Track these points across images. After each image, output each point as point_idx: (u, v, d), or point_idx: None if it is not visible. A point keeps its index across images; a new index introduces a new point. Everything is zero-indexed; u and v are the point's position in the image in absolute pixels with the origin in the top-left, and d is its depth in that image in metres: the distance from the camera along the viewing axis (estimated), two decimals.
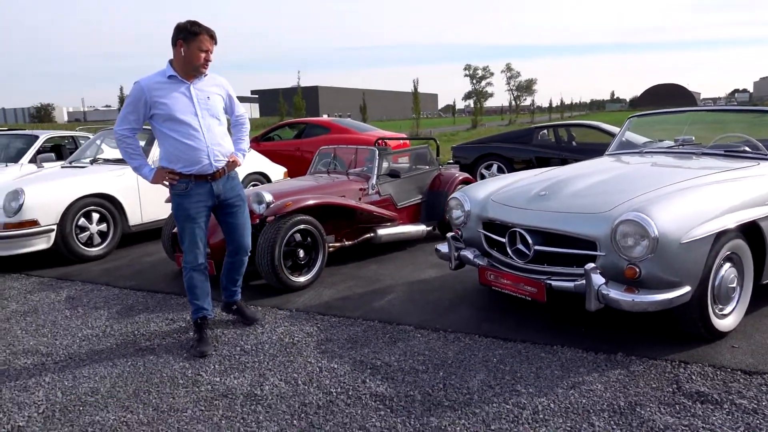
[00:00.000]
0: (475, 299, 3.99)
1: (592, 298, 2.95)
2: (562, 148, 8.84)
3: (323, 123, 11.02)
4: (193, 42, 3.13)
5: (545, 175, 3.94)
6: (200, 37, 3.15)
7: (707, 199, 3.07)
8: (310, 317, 3.80)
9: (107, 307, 4.19)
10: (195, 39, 3.13)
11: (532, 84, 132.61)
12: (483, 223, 3.76)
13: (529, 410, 2.53)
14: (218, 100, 3.33)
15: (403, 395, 2.72)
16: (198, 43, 3.14)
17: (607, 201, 3.18)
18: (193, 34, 3.13)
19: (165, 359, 3.25)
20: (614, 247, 2.94)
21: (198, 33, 3.14)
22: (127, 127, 3.21)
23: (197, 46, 3.14)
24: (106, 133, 7.22)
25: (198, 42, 3.14)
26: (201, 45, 3.14)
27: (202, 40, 3.15)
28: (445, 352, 3.17)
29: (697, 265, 2.92)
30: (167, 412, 2.68)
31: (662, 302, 2.85)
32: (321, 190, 5.05)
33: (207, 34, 3.17)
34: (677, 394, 2.61)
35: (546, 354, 3.08)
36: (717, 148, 4.08)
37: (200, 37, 3.15)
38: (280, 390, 2.84)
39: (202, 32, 3.15)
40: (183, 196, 3.27)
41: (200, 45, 3.14)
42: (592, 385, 2.73)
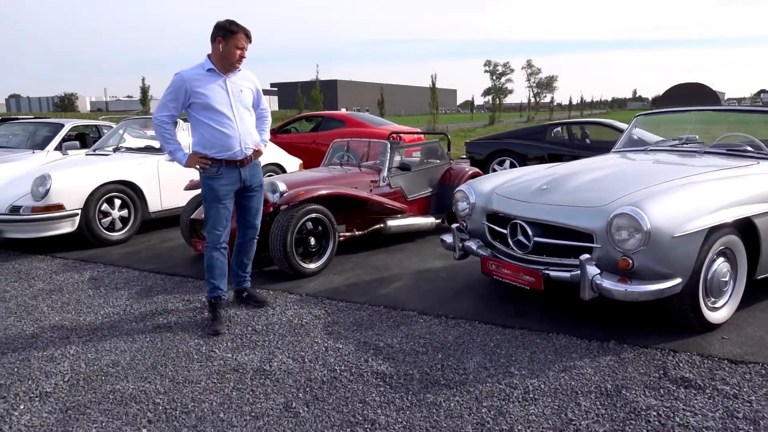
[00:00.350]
0: (477, 288, 4.14)
1: (587, 288, 3.08)
2: (574, 146, 8.91)
3: (339, 116, 11.19)
4: (231, 40, 3.40)
5: (549, 171, 4.07)
6: (237, 36, 3.42)
7: (701, 196, 3.18)
8: (318, 301, 3.98)
9: (128, 288, 4.41)
10: (233, 37, 3.40)
11: (552, 81, 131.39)
12: (487, 215, 3.90)
13: (521, 390, 2.68)
14: (249, 93, 3.61)
15: (403, 374, 2.88)
16: (235, 41, 3.41)
17: (605, 196, 3.30)
18: (232, 32, 3.40)
19: (181, 336, 3.45)
20: (609, 240, 3.07)
21: (236, 32, 3.41)
22: (166, 114, 3.46)
23: (234, 44, 3.40)
24: (128, 122, 7.48)
25: (235, 40, 3.41)
26: (237, 43, 3.42)
27: (239, 39, 3.42)
28: (445, 336, 3.33)
29: (689, 259, 3.03)
30: (182, 383, 2.88)
31: (653, 293, 2.97)
32: (333, 181, 5.22)
33: (243, 33, 3.45)
34: (663, 379, 2.74)
35: (541, 340, 3.22)
36: (719, 147, 4.17)
37: (237, 36, 3.42)
38: (288, 366, 3.02)
39: (239, 31, 3.42)
40: (214, 179, 3.51)
41: (237, 43, 3.41)
42: (583, 369, 2.86)
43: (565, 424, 2.40)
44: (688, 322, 3.20)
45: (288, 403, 2.65)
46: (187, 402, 2.69)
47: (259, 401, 2.68)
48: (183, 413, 2.60)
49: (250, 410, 2.61)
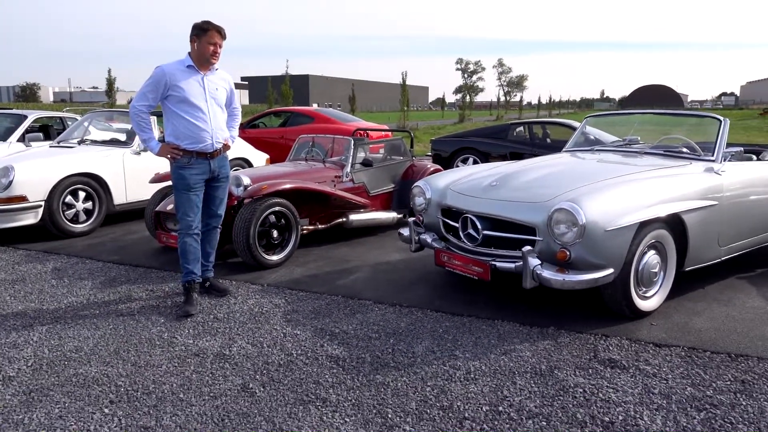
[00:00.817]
0: (432, 279, 4.35)
1: (528, 278, 3.31)
2: (535, 145, 9.21)
3: (307, 112, 11.31)
4: (204, 37, 3.63)
5: (501, 168, 4.30)
6: (210, 33, 3.65)
7: (634, 193, 3.45)
8: (279, 291, 4.13)
9: (91, 278, 4.49)
10: (205, 34, 3.64)
11: (523, 80, 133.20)
12: (442, 209, 4.11)
13: (463, 371, 2.90)
14: (224, 92, 3.88)
15: (355, 357, 3.07)
16: (207, 38, 3.64)
17: (547, 192, 3.54)
18: (204, 30, 3.65)
19: (144, 324, 3.57)
20: (549, 233, 3.31)
21: (208, 29, 3.65)
22: (144, 104, 3.65)
23: (207, 41, 3.63)
24: (94, 115, 7.47)
25: (208, 37, 3.64)
26: (210, 39, 3.65)
27: (211, 35, 3.65)
28: (398, 323, 3.53)
29: (621, 251, 3.29)
30: (144, 367, 3.01)
31: (588, 281, 3.22)
32: (297, 175, 5.38)
33: (216, 30, 3.68)
34: (593, 360, 2.99)
35: (487, 326, 3.45)
36: (658, 147, 4.46)
37: (210, 33, 3.65)
38: (247, 351, 3.17)
39: (211, 29, 3.66)
40: (185, 169, 3.71)
41: (209, 39, 3.65)
42: (522, 352, 3.10)
43: (500, 400, 2.62)
44: (620, 310, 3.47)
45: (245, 384, 2.81)
46: (148, 384, 2.83)
47: (217, 383, 2.83)
48: (144, 394, 2.73)
49: (208, 391, 2.76)
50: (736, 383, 2.75)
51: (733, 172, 4.01)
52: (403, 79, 27.93)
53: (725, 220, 3.88)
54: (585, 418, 2.46)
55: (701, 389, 2.69)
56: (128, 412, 2.58)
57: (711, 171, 3.91)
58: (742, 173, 4.09)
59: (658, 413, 2.49)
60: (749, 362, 2.96)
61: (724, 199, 3.85)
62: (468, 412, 2.53)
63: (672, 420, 2.44)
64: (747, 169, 4.20)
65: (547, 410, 2.53)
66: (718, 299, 3.89)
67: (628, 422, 2.43)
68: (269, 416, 2.53)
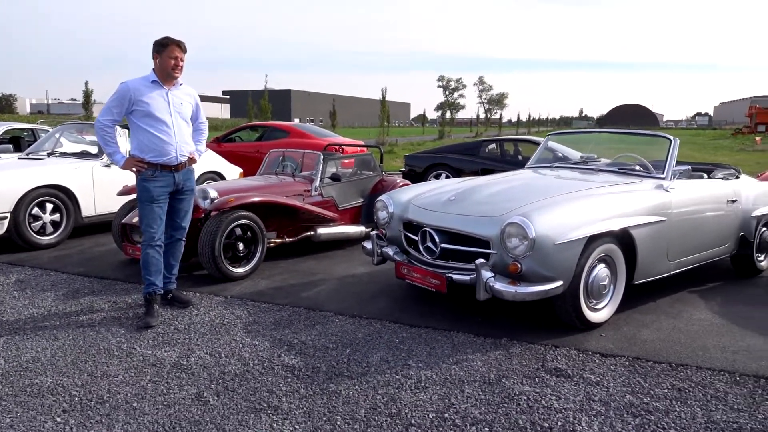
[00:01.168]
0: (394, 292, 4.44)
1: (481, 290, 3.42)
2: (506, 161, 9.41)
3: (283, 127, 11.39)
4: (164, 52, 3.74)
5: (461, 184, 4.42)
6: (170, 47, 3.75)
7: (584, 208, 3.59)
8: (242, 303, 4.18)
9: (54, 290, 4.49)
10: (166, 49, 3.74)
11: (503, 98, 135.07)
12: (403, 223, 4.21)
13: (414, 380, 2.98)
14: (189, 107, 3.96)
15: (311, 367, 3.13)
16: (168, 52, 3.74)
17: (502, 207, 3.67)
18: (164, 45, 3.75)
19: (104, 335, 3.59)
20: (502, 246, 3.43)
21: (168, 44, 3.76)
22: (109, 118, 3.74)
23: (167, 55, 3.74)
24: (65, 127, 7.47)
25: (168, 51, 3.74)
26: (170, 54, 3.75)
27: (171, 50, 3.75)
28: (356, 334, 3.60)
29: (570, 264, 3.42)
30: (100, 377, 3.03)
31: (538, 293, 3.34)
32: (266, 189, 5.44)
33: (175, 45, 3.78)
34: (540, 369, 3.09)
35: (442, 337, 3.54)
36: (613, 165, 4.64)
37: (170, 47, 3.75)
38: (204, 361, 3.22)
39: (171, 43, 3.76)
40: (149, 181, 3.78)
41: (170, 54, 3.75)
42: (473, 362, 3.19)
43: (447, 407, 2.71)
44: (571, 321, 3.59)
45: (200, 393, 2.86)
46: (102, 394, 2.85)
47: (172, 392, 2.87)
48: (98, 403, 2.76)
49: (162, 400, 2.79)
50: (673, 391, 2.87)
51: (681, 190, 4.19)
52: (382, 95, 28.23)
53: (674, 235, 4.05)
54: (526, 424, 2.56)
55: (639, 396, 2.81)
56: (80, 421, 2.60)
57: (660, 188, 4.08)
58: (690, 191, 4.27)
59: (596, 419, 2.60)
60: (688, 371, 3.09)
61: (672, 215, 4.02)
62: (415, 418, 2.61)
63: (608, 426, 2.55)
64: (695, 186, 4.38)
65: (491, 417, 2.62)
66: (668, 312, 4.03)
67: (566, 428, 2.53)
68: (220, 424, 2.58)
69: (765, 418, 2.63)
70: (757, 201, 4.88)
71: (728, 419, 2.61)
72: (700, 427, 2.55)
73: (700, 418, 2.61)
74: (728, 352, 3.33)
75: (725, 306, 4.19)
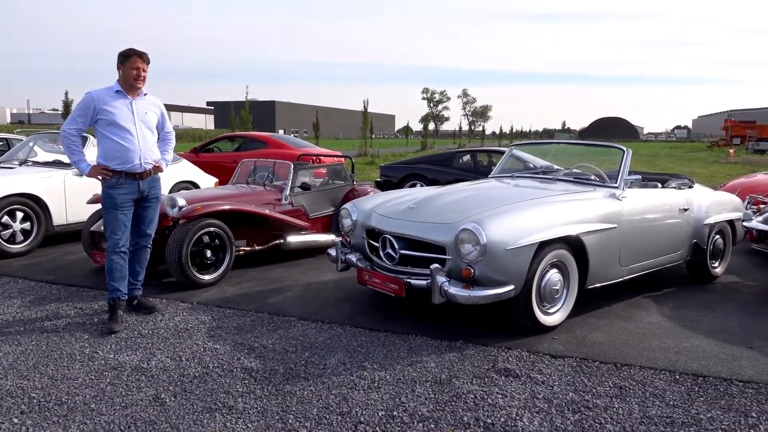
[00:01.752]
0: (358, 297, 4.54)
1: (436, 293, 3.54)
2: (479, 171, 9.57)
3: (261, 137, 11.47)
4: (127, 62, 3.86)
5: (423, 193, 4.56)
6: (132, 59, 3.87)
7: (536, 215, 3.74)
8: (207, 309, 4.26)
9: (21, 297, 4.52)
10: (128, 60, 3.86)
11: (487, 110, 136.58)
12: (366, 230, 4.33)
13: (368, 380, 3.08)
14: (154, 116, 4.05)
15: (269, 369, 3.22)
16: (131, 63, 3.86)
17: (458, 215, 3.80)
18: (127, 56, 3.87)
19: (67, 340, 3.64)
20: (457, 251, 3.55)
21: (130, 55, 3.88)
22: (74, 127, 3.83)
23: (130, 66, 3.87)
24: (38, 136, 7.49)
25: (130, 62, 3.86)
26: (132, 65, 3.87)
27: (133, 61, 3.87)
28: (316, 338, 3.69)
29: (521, 269, 3.56)
30: (60, 380, 3.09)
31: (490, 296, 3.47)
32: (236, 198, 5.53)
33: (137, 56, 3.89)
34: (490, 370, 3.21)
35: (400, 341, 3.65)
36: (570, 175, 4.81)
37: (132, 59, 3.87)
38: (165, 364, 3.29)
39: (133, 55, 3.88)
40: (113, 188, 3.87)
41: (132, 65, 3.86)
42: (427, 363, 3.30)
43: (397, 405, 2.81)
44: (524, 324, 3.72)
45: (158, 394, 2.93)
46: (61, 396, 2.91)
47: (131, 394, 2.94)
48: (56, 405, 2.82)
49: (120, 401, 2.86)
50: (614, 389, 3.01)
51: (633, 198, 4.36)
52: (364, 106, 28.46)
53: (625, 241, 4.21)
54: (470, 420, 2.67)
55: (582, 394, 2.94)
56: (37, 422, 2.66)
57: (613, 197, 4.25)
58: (642, 199, 4.45)
59: (538, 415, 2.72)
60: (631, 371, 3.23)
61: (623, 222, 4.18)
62: (364, 416, 2.71)
63: (548, 421, 2.67)
64: (647, 195, 4.56)
65: (438, 414, 2.73)
66: (620, 315, 4.19)
67: (508, 423, 2.64)
68: (175, 423, 2.66)
69: (698, 413, 2.77)
70: (709, 210, 5.08)
71: (662, 414, 2.74)
72: (636, 421, 2.68)
73: (636, 414, 2.75)
74: (671, 353, 3.48)
75: (676, 310, 4.36)
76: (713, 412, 2.77)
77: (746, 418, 2.72)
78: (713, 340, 3.70)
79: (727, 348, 3.58)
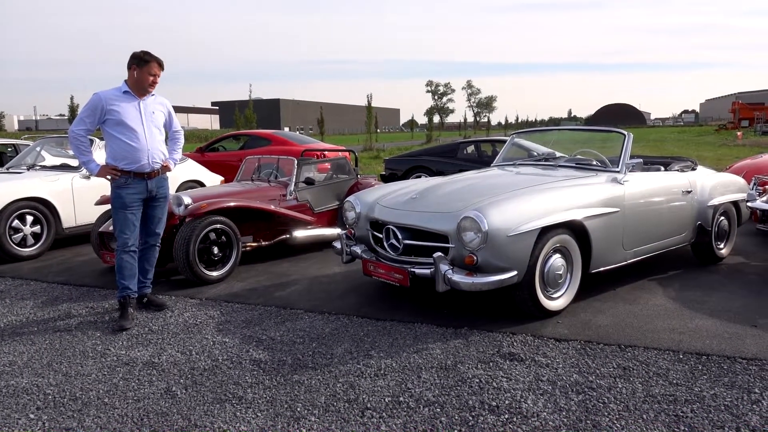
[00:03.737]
0: (364, 288, 4.59)
1: (440, 282, 3.58)
2: (483, 162, 9.57)
3: (265, 135, 11.54)
4: (144, 68, 3.87)
5: (425, 183, 4.59)
6: (150, 64, 3.89)
7: (537, 202, 3.76)
8: (216, 304, 4.32)
9: (33, 299, 4.61)
10: (146, 65, 3.88)
11: (492, 101, 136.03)
12: (370, 222, 4.37)
13: (374, 368, 3.12)
14: (161, 116, 4.08)
15: (277, 360, 3.28)
16: (148, 69, 3.88)
17: (460, 203, 3.83)
18: (145, 62, 3.88)
19: (80, 338, 3.71)
20: (459, 240, 3.59)
21: (149, 61, 3.89)
22: (82, 128, 3.88)
23: (147, 71, 3.89)
24: (45, 140, 7.60)
25: (148, 68, 3.88)
26: (150, 70, 3.89)
27: (151, 67, 3.89)
28: (323, 329, 3.75)
29: (524, 254, 3.59)
30: (74, 377, 3.16)
31: (493, 283, 3.50)
32: (241, 195, 5.59)
33: (156, 62, 3.92)
34: (495, 355, 3.25)
35: (405, 329, 3.69)
36: (572, 161, 4.82)
37: (150, 64, 3.89)
38: (176, 358, 3.35)
39: (152, 61, 3.90)
40: (122, 188, 3.92)
41: (150, 70, 3.89)
42: (433, 351, 3.34)
43: (403, 391, 2.86)
44: (528, 310, 3.75)
45: (169, 387, 2.99)
46: (75, 391, 2.98)
47: (142, 388, 3.01)
48: (71, 400, 2.89)
49: (133, 395, 2.93)
50: (618, 369, 3.04)
51: (635, 182, 4.37)
52: (368, 101, 28.47)
53: (628, 225, 4.22)
54: (475, 403, 2.71)
55: (585, 375, 2.97)
56: (53, 416, 2.73)
57: (614, 181, 4.26)
58: (644, 183, 4.45)
59: (542, 397, 2.76)
60: (635, 351, 3.26)
61: (626, 206, 4.19)
62: (371, 402, 2.76)
63: (552, 402, 2.71)
64: (649, 178, 4.57)
65: (444, 399, 2.77)
66: (625, 298, 4.21)
67: (512, 406, 2.68)
68: (186, 414, 2.72)
69: (701, 390, 2.80)
70: (713, 191, 5.08)
71: (665, 393, 2.77)
72: (639, 400, 2.71)
73: (639, 393, 2.78)
74: (676, 333, 3.51)
75: (681, 291, 4.37)
76: (716, 390, 2.79)
77: (749, 395, 2.74)
78: (717, 320, 3.72)
79: (731, 327, 3.59)
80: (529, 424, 2.52)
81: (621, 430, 2.46)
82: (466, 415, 2.62)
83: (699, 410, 2.60)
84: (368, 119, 28.78)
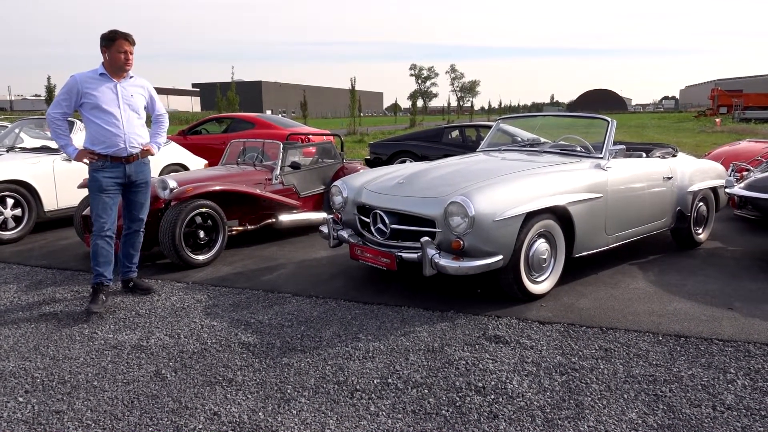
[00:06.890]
0: (351, 273, 4.63)
1: (427, 265, 3.62)
2: (467, 147, 9.62)
3: (249, 118, 11.43)
4: (113, 46, 3.77)
5: (411, 168, 4.62)
6: (118, 42, 3.78)
7: (522, 187, 3.81)
8: (203, 288, 4.32)
9: (17, 282, 4.56)
10: (114, 44, 3.77)
11: (475, 85, 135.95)
12: (357, 207, 4.39)
13: (362, 351, 3.17)
14: (140, 98, 3.97)
15: (266, 343, 3.31)
16: (117, 47, 3.77)
17: (447, 188, 3.87)
18: (112, 40, 3.78)
19: (66, 321, 3.70)
20: (446, 224, 3.63)
21: (115, 38, 3.78)
22: (59, 111, 3.80)
23: (116, 49, 3.78)
24: (24, 122, 7.45)
25: (117, 46, 3.77)
26: (119, 48, 3.78)
27: (120, 44, 3.78)
28: (311, 312, 3.78)
29: (509, 239, 3.64)
30: (62, 360, 3.16)
31: (479, 267, 3.56)
32: (227, 178, 5.56)
33: (124, 38, 3.80)
34: (481, 337, 3.32)
35: (393, 312, 3.74)
36: (556, 147, 4.88)
37: (118, 42, 3.78)
38: (164, 342, 3.36)
39: (119, 38, 3.79)
40: (98, 172, 3.85)
41: (119, 48, 3.78)
42: (420, 333, 3.40)
43: (391, 373, 2.91)
44: (513, 293, 3.82)
45: (158, 370, 3.01)
46: (64, 375, 2.98)
47: (132, 371, 3.02)
48: (59, 384, 2.89)
49: (122, 378, 2.94)
50: (600, 351, 3.12)
51: (618, 168, 4.44)
52: (352, 84, 28.27)
53: (611, 210, 4.31)
54: (462, 384, 2.78)
55: (569, 357, 3.05)
56: (42, 399, 2.73)
57: (598, 167, 4.33)
58: (626, 169, 4.53)
59: (527, 378, 2.83)
60: (617, 333, 3.35)
61: (609, 191, 4.27)
62: (360, 384, 2.80)
63: (537, 383, 2.78)
64: (632, 165, 4.65)
65: (431, 380, 2.83)
66: (607, 282, 4.30)
67: (498, 386, 2.75)
68: (177, 396, 2.74)
69: (679, 371, 2.89)
70: (693, 177, 5.18)
71: (646, 373, 2.87)
72: (620, 380, 2.80)
73: (620, 373, 2.87)
74: (655, 316, 3.61)
75: (661, 275, 4.48)
76: (694, 370, 2.89)
77: (725, 374, 2.84)
78: (695, 303, 3.83)
79: (709, 310, 3.71)
80: (514, 404, 2.59)
81: (603, 409, 2.54)
82: (453, 395, 2.68)
83: (677, 390, 2.70)
84: (352, 103, 28.61)
